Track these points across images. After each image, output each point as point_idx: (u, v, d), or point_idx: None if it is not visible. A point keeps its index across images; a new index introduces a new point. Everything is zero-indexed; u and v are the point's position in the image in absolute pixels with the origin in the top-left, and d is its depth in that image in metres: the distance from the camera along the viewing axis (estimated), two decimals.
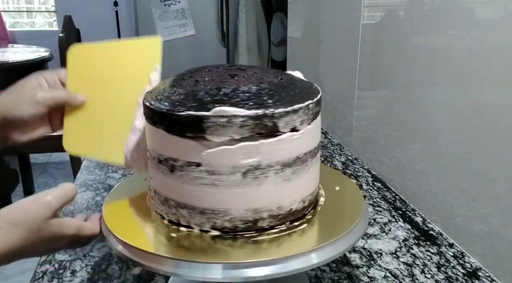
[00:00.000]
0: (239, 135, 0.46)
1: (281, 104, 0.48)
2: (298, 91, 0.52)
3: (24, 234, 0.47)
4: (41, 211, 0.49)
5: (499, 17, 0.71)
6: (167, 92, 0.51)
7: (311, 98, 0.51)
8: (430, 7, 0.88)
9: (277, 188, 0.49)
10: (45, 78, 0.59)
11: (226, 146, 0.47)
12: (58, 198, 0.51)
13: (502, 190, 0.69)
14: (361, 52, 1.15)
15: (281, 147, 0.48)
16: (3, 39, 2.85)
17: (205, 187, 0.48)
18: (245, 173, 0.48)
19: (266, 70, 0.56)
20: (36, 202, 0.49)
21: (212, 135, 0.46)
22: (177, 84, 0.52)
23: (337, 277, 0.65)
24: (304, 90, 0.53)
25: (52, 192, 0.51)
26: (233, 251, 0.48)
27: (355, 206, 0.57)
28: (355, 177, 0.99)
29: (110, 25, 2.87)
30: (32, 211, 0.48)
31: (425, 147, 0.89)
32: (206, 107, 0.46)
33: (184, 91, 0.50)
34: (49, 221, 0.49)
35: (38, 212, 0.48)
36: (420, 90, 0.91)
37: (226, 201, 0.49)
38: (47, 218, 0.49)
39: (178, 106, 0.48)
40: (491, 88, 0.71)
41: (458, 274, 0.66)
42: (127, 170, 1.00)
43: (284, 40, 2.77)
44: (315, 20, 1.50)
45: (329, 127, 1.35)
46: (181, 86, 0.51)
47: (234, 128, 0.46)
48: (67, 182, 0.54)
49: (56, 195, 0.51)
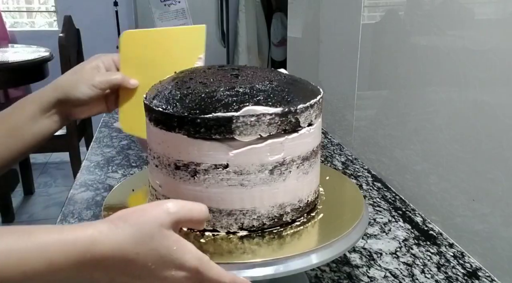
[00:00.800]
0: (267, 133, 0.47)
1: (299, 100, 0.49)
2: (304, 87, 0.53)
3: (134, 235, 0.39)
4: (157, 214, 0.41)
5: (499, 17, 0.70)
6: (177, 96, 0.50)
7: (319, 93, 0.53)
8: (430, 7, 0.88)
9: (298, 182, 0.51)
10: (103, 61, 0.64)
11: (254, 145, 0.47)
12: (181, 210, 0.42)
13: (502, 190, 0.69)
14: (361, 52, 1.15)
15: (301, 142, 0.50)
16: (3, 39, 2.85)
17: (233, 188, 0.49)
18: (272, 170, 0.49)
19: (261, 69, 0.57)
20: (155, 206, 0.42)
21: (241, 135, 0.47)
22: (182, 86, 0.51)
23: (337, 277, 0.65)
24: (308, 87, 0.54)
25: (176, 202, 0.43)
26: (261, 249, 0.49)
27: (355, 206, 0.58)
28: (355, 177, 0.99)
29: (110, 25, 2.87)
30: (148, 211, 0.41)
31: (425, 147, 0.89)
32: (232, 107, 0.46)
33: (198, 93, 0.49)
34: (165, 231, 0.40)
35: (155, 215, 0.41)
36: (420, 90, 0.91)
37: (254, 199, 0.49)
38: (164, 226, 0.40)
39: (200, 108, 0.47)
40: (491, 88, 0.71)
41: (458, 274, 0.66)
42: (127, 170, 1.00)
43: (284, 40, 2.77)
44: (315, 20, 1.50)
45: (329, 127, 1.35)
46: (188, 89, 0.50)
47: (263, 126, 0.47)
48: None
49: (180, 206, 0.43)
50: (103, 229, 0.39)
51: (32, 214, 2.39)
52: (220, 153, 0.47)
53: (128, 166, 1.03)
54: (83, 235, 0.38)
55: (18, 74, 2.22)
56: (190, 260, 0.41)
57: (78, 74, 0.62)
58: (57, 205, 2.42)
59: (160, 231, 0.40)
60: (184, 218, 0.42)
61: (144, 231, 0.40)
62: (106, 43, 2.99)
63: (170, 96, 0.50)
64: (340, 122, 1.30)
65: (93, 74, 0.62)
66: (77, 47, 2.31)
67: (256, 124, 0.46)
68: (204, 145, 0.47)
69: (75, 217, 0.79)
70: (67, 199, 0.87)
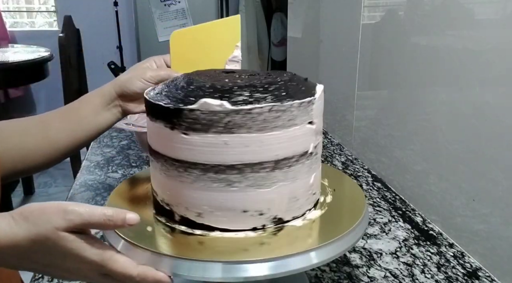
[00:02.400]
0: (264, 128, 0.49)
1: (296, 95, 0.50)
2: (306, 83, 0.54)
3: (30, 234, 0.42)
4: (54, 217, 0.43)
5: (499, 17, 0.70)
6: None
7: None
8: (430, 7, 0.88)
9: (298, 181, 0.53)
10: (155, 61, 0.71)
11: (251, 140, 0.49)
12: (78, 217, 0.43)
13: (502, 190, 0.69)
14: (361, 52, 1.15)
15: (301, 139, 0.52)
16: (3, 39, 2.85)
17: (233, 188, 0.49)
18: (272, 170, 0.50)
19: (251, 70, 0.58)
20: (54, 207, 0.43)
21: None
22: (208, 86, 0.50)
23: (337, 277, 0.65)
24: (309, 82, 0.55)
25: (82, 206, 0.44)
26: (261, 248, 0.49)
27: (355, 206, 0.57)
28: (355, 177, 0.99)
29: (110, 25, 2.87)
30: (46, 212, 0.43)
31: (425, 147, 0.89)
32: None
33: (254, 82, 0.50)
34: (60, 233, 0.43)
35: (51, 217, 0.43)
36: (420, 90, 0.91)
37: (253, 199, 0.50)
38: (59, 229, 0.43)
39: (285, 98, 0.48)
40: (491, 88, 0.71)
41: (458, 274, 0.66)
42: (126, 170, 1.00)
43: (284, 40, 2.77)
44: (315, 20, 1.50)
45: (329, 127, 1.35)
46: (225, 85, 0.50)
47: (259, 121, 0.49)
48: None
49: (85, 210, 0.43)
50: (1, 224, 0.43)
51: None
52: (217, 151, 0.47)
53: (128, 166, 1.03)
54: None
55: (18, 74, 2.22)
56: (90, 256, 0.44)
57: (133, 71, 0.70)
58: None
59: (55, 233, 0.43)
60: (80, 224, 0.43)
61: (39, 231, 0.42)
62: (106, 43, 2.99)
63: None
64: (340, 122, 1.30)
65: (145, 70, 0.69)
66: (77, 47, 2.31)
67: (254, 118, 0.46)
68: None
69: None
70: (67, 199, 0.87)
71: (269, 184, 0.49)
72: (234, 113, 0.46)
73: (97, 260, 0.44)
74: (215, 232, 0.50)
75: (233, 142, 0.47)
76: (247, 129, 0.46)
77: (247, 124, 0.46)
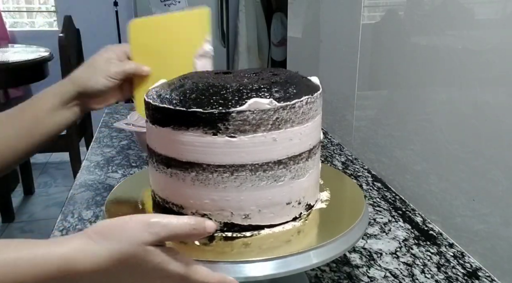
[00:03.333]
0: (264, 128, 0.49)
1: (295, 94, 0.51)
2: (301, 77, 0.55)
3: (113, 253, 0.39)
4: (138, 232, 0.40)
5: (499, 17, 0.70)
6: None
7: (318, 89, 0.55)
8: (430, 7, 0.88)
9: (298, 181, 0.54)
10: (114, 51, 0.66)
11: (252, 141, 0.49)
12: (163, 229, 0.41)
13: (502, 190, 0.69)
14: (361, 52, 1.15)
15: (300, 139, 0.52)
16: (3, 39, 2.85)
17: (233, 188, 0.49)
18: (271, 169, 0.50)
19: (246, 69, 0.58)
20: (136, 221, 0.41)
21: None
22: (213, 86, 0.49)
23: (337, 277, 0.65)
24: (302, 76, 0.56)
25: (159, 220, 0.42)
26: (261, 248, 0.49)
27: (355, 205, 0.57)
28: (355, 177, 0.99)
29: (110, 25, 2.87)
30: (128, 229, 0.40)
31: (425, 147, 0.89)
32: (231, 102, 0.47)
33: (264, 82, 0.50)
34: (147, 247, 0.40)
35: (135, 233, 0.40)
36: (420, 90, 0.91)
37: (253, 199, 0.50)
38: (146, 243, 0.40)
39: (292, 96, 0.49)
40: (491, 88, 0.71)
41: (458, 274, 0.66)
42: (126, 170, 1.00)
43: (284, 40, 2.77)
44: (315, 20, 1.50)
45: (329, 127, 1.35)
46: (223, 85, 0.49)
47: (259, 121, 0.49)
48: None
49: (162, 224, 0.41)
50: (78, 246, 0.40)
51: (32, 214, 2.39)
52: (217, 150, 0.47)
53: (128, 166, 1.03)
54: (56, 253, 0.39)
55: (18, 74, 2.21)
56: (175, 269, 0.42)
57: (93, 67, 0.65)
58: (57, 205, 2.42)
59: (142, 249, 0.40)
60: (167, 236, 0.42)
61: (124, 249, 0.40)
62: (106, 43, 2.98)
63: None
64: (340, 122, 1.30)
65: (108, 66, 0.65)
66: (77, 47, 2.31)
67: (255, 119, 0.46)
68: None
69: (75, 217, 0.80)
70: (67, 199, 0.87)
71: (305, 173, 0.52)
72: (282, 109, 0.47)
73: (181, 272, 0.42)
74: (264, 230, 0.51)
75: (280, 137, 0.48)
76: (291, 123, 0.48)
77: (291, 119, 0.48)
